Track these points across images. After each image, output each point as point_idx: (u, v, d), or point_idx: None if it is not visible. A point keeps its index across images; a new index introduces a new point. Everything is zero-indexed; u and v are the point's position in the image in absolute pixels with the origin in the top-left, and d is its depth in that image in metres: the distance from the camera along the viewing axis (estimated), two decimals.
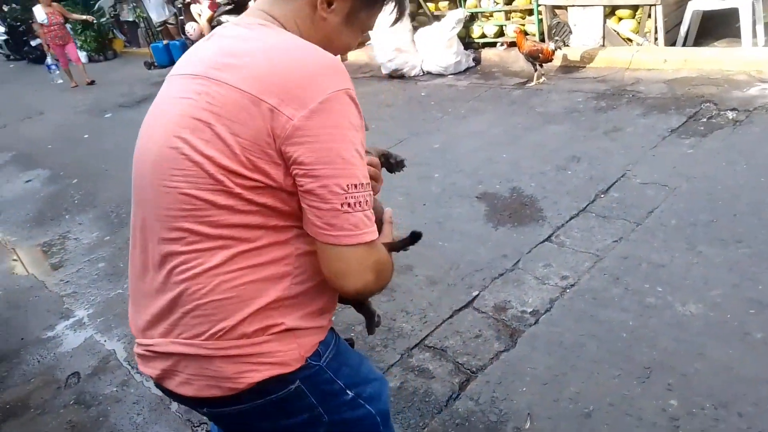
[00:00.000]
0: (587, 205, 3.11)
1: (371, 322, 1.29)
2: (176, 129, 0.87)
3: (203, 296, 0.88)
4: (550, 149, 3.87)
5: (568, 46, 5.25)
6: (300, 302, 0.93)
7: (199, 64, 0.91)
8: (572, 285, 2.53)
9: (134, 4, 10.49)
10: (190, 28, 8.23)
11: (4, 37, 15.60)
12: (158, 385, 1.00)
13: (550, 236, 2.92)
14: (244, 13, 0.99)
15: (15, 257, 4.09)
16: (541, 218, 3.10)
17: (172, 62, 9.91)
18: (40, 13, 9.19)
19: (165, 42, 9.82)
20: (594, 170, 3.46)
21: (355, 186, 0.83)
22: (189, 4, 8.20)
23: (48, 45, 9.64)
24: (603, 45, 5.38)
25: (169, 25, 10.16)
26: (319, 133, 0.81)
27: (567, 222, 3.00)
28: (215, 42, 0.95)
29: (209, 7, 7.80)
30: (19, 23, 15.65)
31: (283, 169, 0.84)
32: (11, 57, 15.55)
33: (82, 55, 12.63)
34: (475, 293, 2.61)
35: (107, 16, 12.65)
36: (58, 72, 9.94)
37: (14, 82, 12.53)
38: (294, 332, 0.92)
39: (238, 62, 0.86)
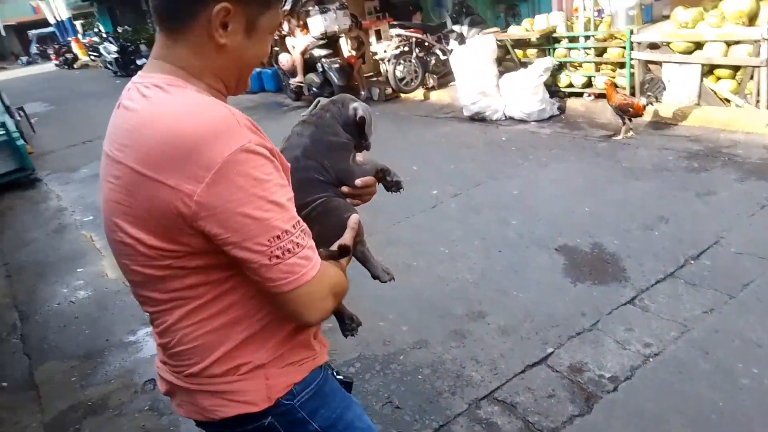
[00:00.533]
0: (675, 270, 2.97)
1: (343, 325, 1.29)
2: (109, 213, 0.93)
3: (174, 346, 0.98)
4: (636, 206, 3.74)
5: (660, 102, 5.10)
6: (264, 336, 0.99)
7: (110, 141, 0.92)
8: (656, 354, 2.40)
9: None
10: (283, 59, 8.66)
11: (115, 55, 17.04)
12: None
13: (633, 299, 2.80)
14: (146, 64, 0.96)
15: (105, 260, 4.37)
16: (624, 278, 2.98)
17: (262, 88, 10.50)
18: None
19: (258, 69, 10.39)
20: (683, 233, 3.31)
21: (278, 237, 0.85)
22: (285, 36, 8.65)
23: None
24: (698, 104, 5.19)
25: None
26: (221, 204, 0.82)
27: (652, 285, 2.87)
28: (119, 115, 0.93)
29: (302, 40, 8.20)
30: (129, 44, 17.10)
31: (203, 237, 0.86)
32: (119, 74, 16.91)
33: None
34: (550, 350, 2.54)
35: None
36: None
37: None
38: (264, 371, 0.99)
39: (132, 141, 0.87)
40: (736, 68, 4.95)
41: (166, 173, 0.82)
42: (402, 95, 8.09)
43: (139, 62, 14.86)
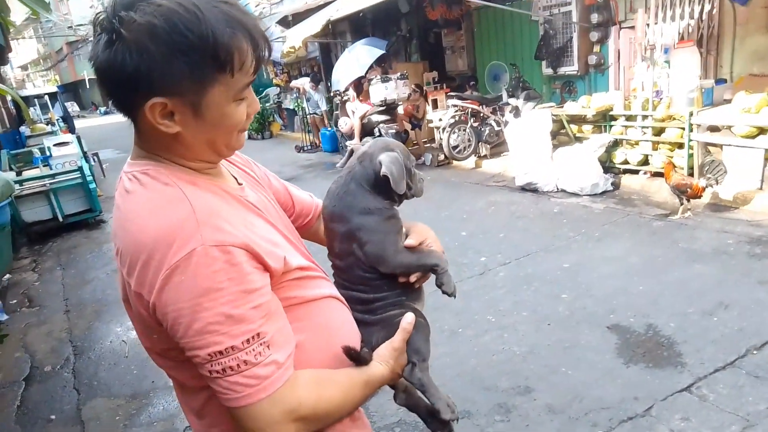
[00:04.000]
0: (736, 360, 2.82)
1: (431, 421, 1.12)
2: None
3: (200, 423, 0.97)
4: (694, 290, 3.61)
5: (720, 185, 5.00)
6: None
7: None
8: None
9: (296, 95, 11.84)
10: (343, 123, 9.06)
11: None
12: None
13: (690, 386, 2.67)
14: (133, 150, 0.94)
15: None
16: (681, 364, 2.85)
17: (318, 146, 11.03)
18: None
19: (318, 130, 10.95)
20: (745, 322, 3.16)
21: (219, 352, 0.79)
22: (346, 101, 9.07)
23: None
24: (761, 188, 5.05)
25: (316, 116, 11.30)
26: (169, 312, 0.79)
27: (711, 374, 2.73)
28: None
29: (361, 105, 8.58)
30: None
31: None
32: None
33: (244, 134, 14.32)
34: None
35: (271, 102, 14.37)
36: None
37: None
38: None
39: (114, 235, 0.88)
40: None
41: (131, 276, 0.82)
42: (454, 162, 8.24)
43: None
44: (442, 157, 8.33)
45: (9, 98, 11.80)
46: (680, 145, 5.67)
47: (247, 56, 0.83)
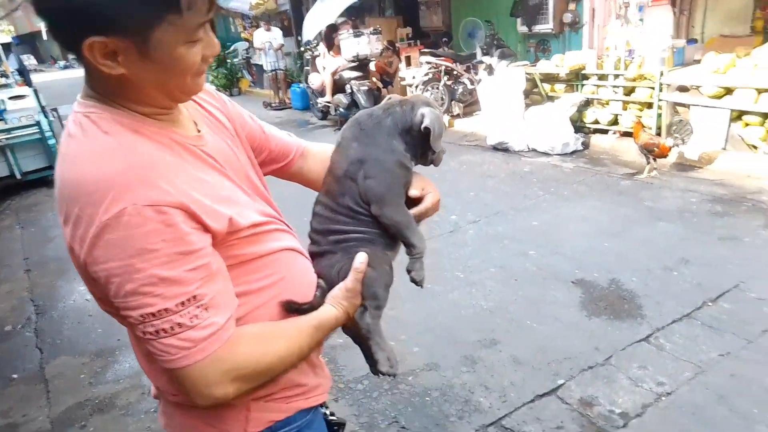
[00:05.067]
0: (692, 312, 2.92)
1: (372, 360, 1.07)
2: None
3: (152, 367, 0.93)
4: (658, 247, 3.70)
5: (686, 144, 5.08)
6: None
7: None
8: (669, 393, 2.35)
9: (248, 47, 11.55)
10: (313, 78, 8.84)
11: None
12: None
13: (648, 336, 2.76)
14: (83, 87, 0.87)
15: None
16: (641, 316, 2.94)
17: (287, 103, 10.78)
18: None
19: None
20: (704, 276, 3.26)
21: (152, 314, 0.76)
22: (317, 57, 8.84)
23: None
24: (725, 148, 5.15)
25: (278, 72, 11.01)
26: (100, 269, 0.76)
27: (668, 325, 2.83)
28: None
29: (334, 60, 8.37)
30: None
31: None
32: None
33: (211, 89, 13.90)
34: (560, 381, 2.50)
35: (240, 57, 13.92)
36: None
37: None
38: (248, 401, 0.92)
39: (56, 182, 0.82)
40: (765, 116, 4.92)
41: (66, 225, 0.78)
42: None
43: None
44: None
45: None
46: (650, 105, 5.72)
47: None
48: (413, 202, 1.10)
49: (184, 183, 0.80)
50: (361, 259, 1.01)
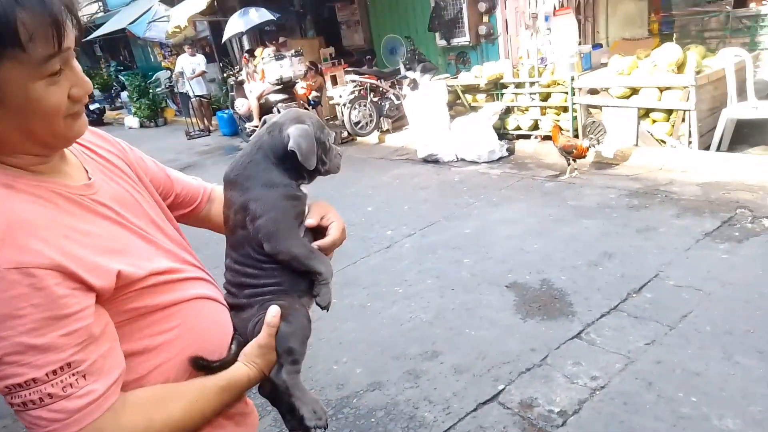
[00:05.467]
0: (619, 304, 3.07)
1: (289, 419, 1.02)
2: None
3: None
4: (582, 243, 3.88)
5: (602, 143, 5.37)
6: None
7: None
8: (602, 387, 2.46)
9: (170, 76, 11.38)
10: (240, 104, 8.74)
11: None
12: None
13: (580, 333, 2.87)
14: None
15: None
16: (572, 313, 3.06)
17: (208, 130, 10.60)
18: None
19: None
20: (626, 268, 3.44)
21: (20, 385, 0.71)
22: (241, 82, 8.75)
23: None
24: (637, 145, 5.49)
25: (203, 99, 10.91)
26: None
27: (598, 319, 2.96)
28: None
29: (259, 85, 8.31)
30: None
31: None
32: None
33: (135, 121, 13.47)
34: (501, 387, 2.56)
35: (162, 86, 13.55)
36: None
37: None
38: None
39: None
40: (669, 112, 5.28)
41: None
42: (357, 138, 8.23)
43: (91, 107, 14.66)
44: (345, 134, 8.29)
45: None
46: (565, 109, 6.02)
47: (39, 25, 0.71)
48: (318, 232, 1.08)
49: (61, 239, 0.75)
50: (273, 312, 0.96)
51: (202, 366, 0.89)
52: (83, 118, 0.83)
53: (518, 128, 6.59)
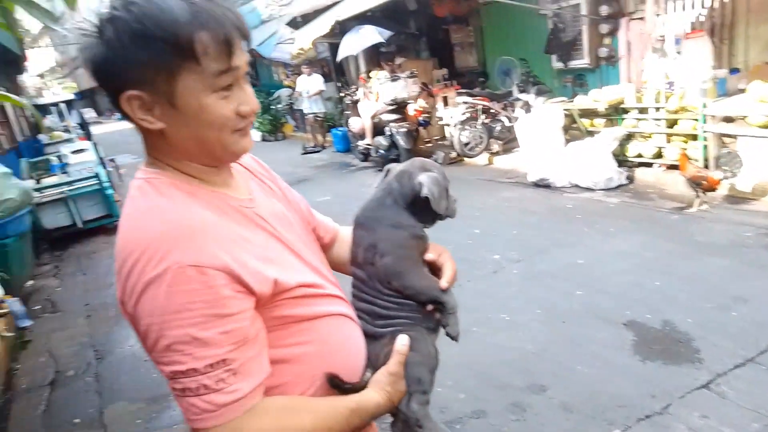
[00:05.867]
0: (756, 356, 2.79)
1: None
2: None
3: None
4: (711, 284, 3.57)
5: (736, 176, 4.93)
6: None
7: None
8: None
9: (290, 94, 12.01)
10: (354, 122, 9.09)
11: None
12: None
13: (708, 383, 2.65)
14: (144, 155, 0.93)
15: None
16: (698, 360, 2.83)
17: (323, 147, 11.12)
18: None
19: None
20: (764, 315, 3.12)
21: (182, 372, 0.78)
22: (356, 101, 9.10)
23: None
24: None
25: (318, 117, 11.41)
26: (142, 325, 0.80)
27: (730, 370, 2.71)
28: None
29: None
30: None
31: None
32: None
33: (257, 135, 14.45)
34: (615, 431, 2.42)
35: (283, 103, 14.45)
36: None
37: None
38: None
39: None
40: None
41: (117, 283, 0.84)
42: (466, 160, 8.22)
43: None
44: (453, 154, 8.32)
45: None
46: (694, 137, 5.60)
47: (213, 42, 0.81)
48: (433, 269, 1.12)
49: (231, 244, 0.84)
50: (402, 341, 1.00)
51: (335, 384, 0.94)
52: (249, 136, 0.93)
53: (639, 155, 6.23)
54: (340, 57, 9.50)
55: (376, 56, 9.99)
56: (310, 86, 11.03)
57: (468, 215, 5.81)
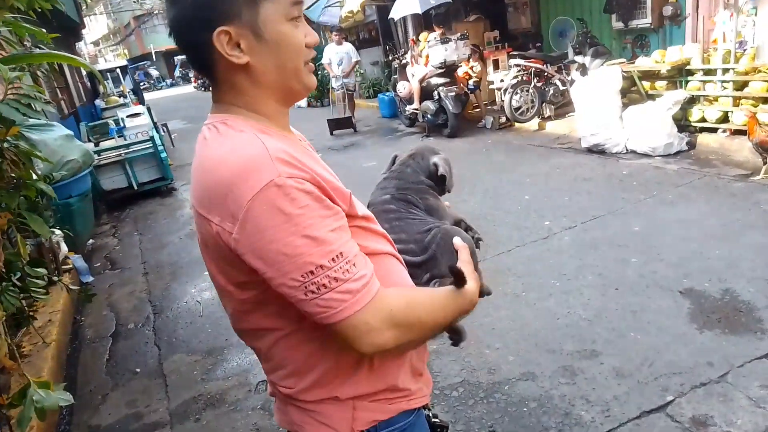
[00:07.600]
0: None
1: (455, 336, 1.19)
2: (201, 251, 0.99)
3: (270, 370, 1.04)
4: None
5: None
6: (347, 370, 0.97)
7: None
8: None
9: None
10: (401, 86, 8.95)
11: None
12: None
13: None
14: (212, 107, 0.99)
15: None
16: (761, 330, 2.71)
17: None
18: None
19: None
20: None
21: (311, 272, 0.83)
22: (404, 65, 8.95)
23: None
24: None
25: (347, 91, 10.09)
26: (255, 241, 0.83)
27: None
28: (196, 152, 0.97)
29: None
30: None
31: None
32: None
33: (303, 101, 14.50)
34: (670, 398, 2.37)
35: None
36: None
37: None
38: (353, 401, 0.98)
39: (193, 183, 0.93)
40: None
41: (213, 213, 0.87)
42: (516, 124, 8.02)
43: None
44: (503, 119, 8.13)
45: (84, 73, 12.44)
46: (765, 100, 5.25)
47: None
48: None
49: (313, 164, 0.90)
50: (457, 242, 1.12)
51: (455, 273, 1.01)
52: (312, 74, 1.00)
53: (703, 120, 5.90)
54: (397, 15, 9.10)
55: (424, 19, 9.75)
56: (340, 56, 9.76)
57: (518, 181, 5.69)
